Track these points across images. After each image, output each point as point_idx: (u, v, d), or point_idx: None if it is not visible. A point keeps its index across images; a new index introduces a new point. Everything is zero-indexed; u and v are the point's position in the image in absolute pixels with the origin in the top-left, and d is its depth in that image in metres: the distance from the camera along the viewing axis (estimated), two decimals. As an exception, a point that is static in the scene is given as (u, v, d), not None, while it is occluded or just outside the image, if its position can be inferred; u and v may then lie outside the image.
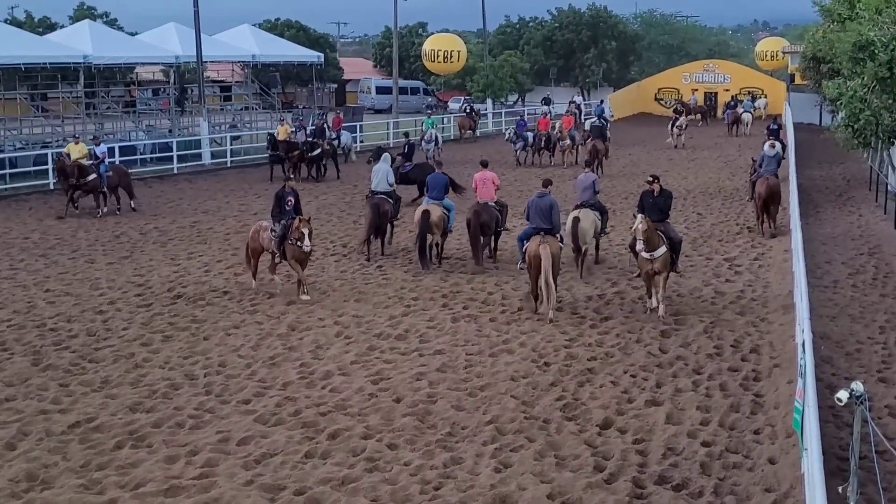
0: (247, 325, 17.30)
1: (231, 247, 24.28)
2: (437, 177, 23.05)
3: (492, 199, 22.37)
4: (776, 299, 19.15)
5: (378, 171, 24.15)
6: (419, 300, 19.11)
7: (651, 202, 18.73)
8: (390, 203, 23.65)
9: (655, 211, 18.55)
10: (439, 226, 22.26)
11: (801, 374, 10.50)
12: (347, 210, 29.76)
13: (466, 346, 16.07)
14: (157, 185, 35.93)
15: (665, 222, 18.68)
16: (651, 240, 17.69)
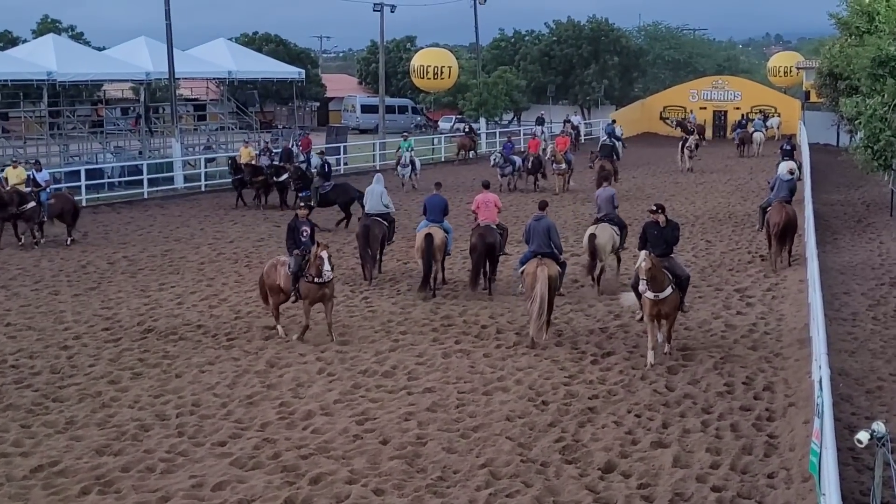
0: (222, 361, 17.29)
1: (206, 277, 24.29)
2: (436, 198, 23.40)
3: (494, 221, 22.86)
4: (791, 333, 19.19)
5: (371, 192, 24.79)
6: (407, 334, 19.13)
7: (656, 235, 18.08)
8: (383, 225, 24.24)
9: (661, 244, 17.94)
10: (441, 249, 22.76)
11: (818, 413, 10.52)
12: (330, 238, 29.75)
13: (458, 384, 16.07)
14: (126, 211, 35.95)
15: (670, 257, 17.99)
16: (657, 278, 17.00)
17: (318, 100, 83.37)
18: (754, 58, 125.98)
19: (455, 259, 25.01)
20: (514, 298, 21.87)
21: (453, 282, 23.59)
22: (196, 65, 48.07)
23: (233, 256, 26.97)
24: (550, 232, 19.10)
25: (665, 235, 18.15)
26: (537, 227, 19.14)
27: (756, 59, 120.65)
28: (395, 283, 23.69)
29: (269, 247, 28.21)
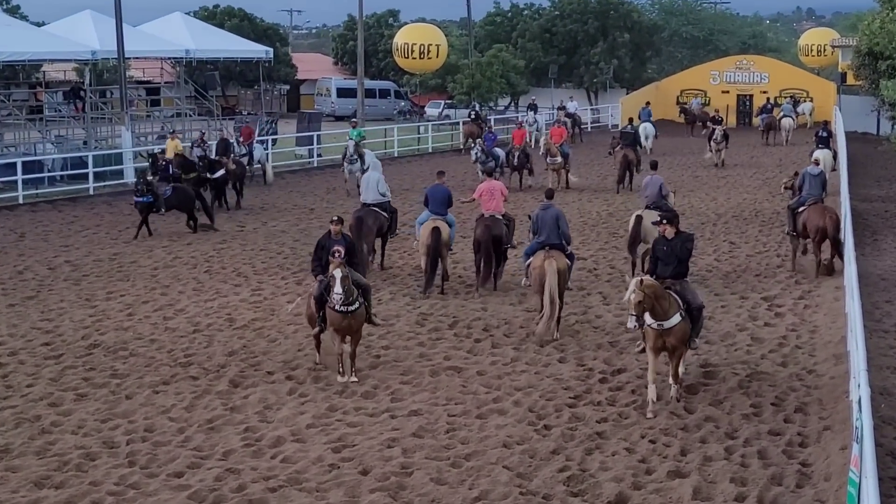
0: (179, 380, 17.25)
1: (160, 284, 24.26)
2: (439, 188, 24.20)
3: (500, 211, 23.72)
4: (826, 347, 19.22)
5: (368, 179, 26.10)
6: (391, 349, 19.11)
7: (666, 251, 16.77)
8: (382, 216, 25.34)
9: (671, 262, 16.63)
10: (448, 245, 23.67)
11: (856, 438, 10.53)
12: (303, 239, 29.76)
13: (449, 406, 16.05)
14: (69, 209, 35.89)
15: (682, 280, 16.67)
16: (660, 305, 15.65)
17: (287, 82, 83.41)
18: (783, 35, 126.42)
19: (459, 253, 24.98)
20: (511, 308, 21.91)
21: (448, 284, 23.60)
22: (149, 42, 48.02)
23: (191, 261, 26.94)
24: (559, 221, 20.04)
25: (676, 250, 16.73)
26: (545, 217, 20.07)
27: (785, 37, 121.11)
28: (376, 289, 23.65)
29: (231, 250, 28.20)
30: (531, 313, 21.29)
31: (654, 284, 15.77)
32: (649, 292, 15.42)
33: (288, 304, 18.64)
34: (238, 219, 33.37)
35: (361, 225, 24.79)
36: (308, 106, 76.72)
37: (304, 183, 42.48)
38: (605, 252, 27.95)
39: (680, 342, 15.98)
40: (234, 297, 22.92)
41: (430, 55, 60.26)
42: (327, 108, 75.86)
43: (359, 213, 25.12)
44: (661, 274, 16.53)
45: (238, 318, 21.08)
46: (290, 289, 23.78)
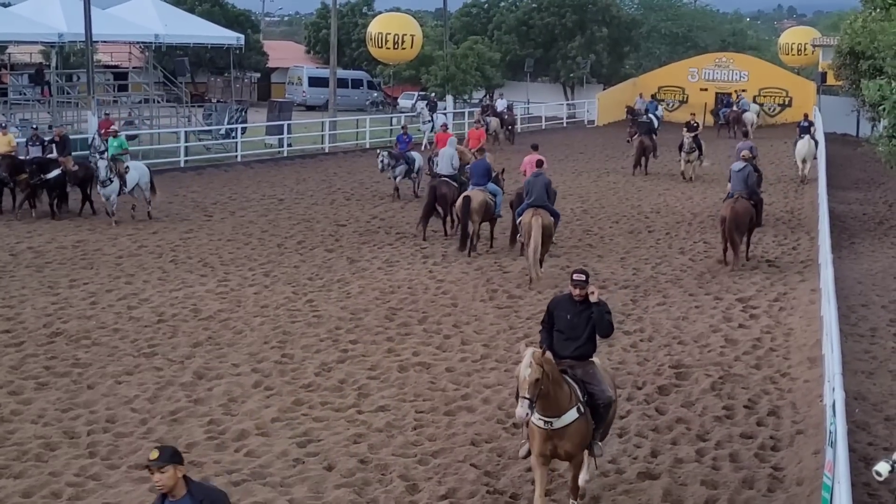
0: (142, 370, 17.21)
1: (124, 273, 24.17)
2: (480, 163, 27.86)
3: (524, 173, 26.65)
4: (800, 350, 19.31)
5: (443, 154, 30.00)
6: (358, 343, 19.12)
7: (570, 320, 12.61)
8: (452, 186, 28.81)
9: (577, 336, 12.59)
10: (480, 212, 26.77)
11: (830, 442, 10.60)
12: (270, 230, 29.72)
13: (416, 402, 16.07)
14: (31, 195, 35.66)
15: (589, 360, 12.66)
16: (553, 397, 11.80)
17: (258, 70, 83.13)
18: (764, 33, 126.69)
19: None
20: (482, 305, 21.96)
21: (412, 277, 23.64)
22: (117, 26, 47.77)
23: (156, 249, 26.84)
24: (548, 187, 24.34)
25: (585, 318, 12.62)
26: (536, 183, 24.27)
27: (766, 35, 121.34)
28: (344, 283, 23.69)
29: (198, 239, 28.13)
30: (502, 310, 21.38)
31: (553, 361, 11.88)
32: (548, 370, 11.60)
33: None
34: (205, 206, 33.25)
35: (435, 192, 28.80)
36: (279, 95, 76.42)
37: (274, 173, 42.36)
38: (577, 250, 27.99)
39: (576, 448, 12.05)
40: (199, 288, 22.86)
41: (405, 45, 60.11)
42: (298, 97, 75.61)
43: (433, 183, 29.41)
44: (560, 351, 12.45)
45: (204, 309, 21.03)
46: (258, 280, 23.74)
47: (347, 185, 38.96)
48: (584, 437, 12.06)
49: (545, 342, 12.52)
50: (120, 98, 54.34)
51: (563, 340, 12.53)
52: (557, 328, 12.61)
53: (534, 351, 11.55)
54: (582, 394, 12.10)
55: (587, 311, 12.54)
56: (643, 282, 24.56)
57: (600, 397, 12.26)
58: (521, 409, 11.32)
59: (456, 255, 26.78)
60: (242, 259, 26.03)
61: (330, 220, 31.52)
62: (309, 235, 29.12)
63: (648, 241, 29.67)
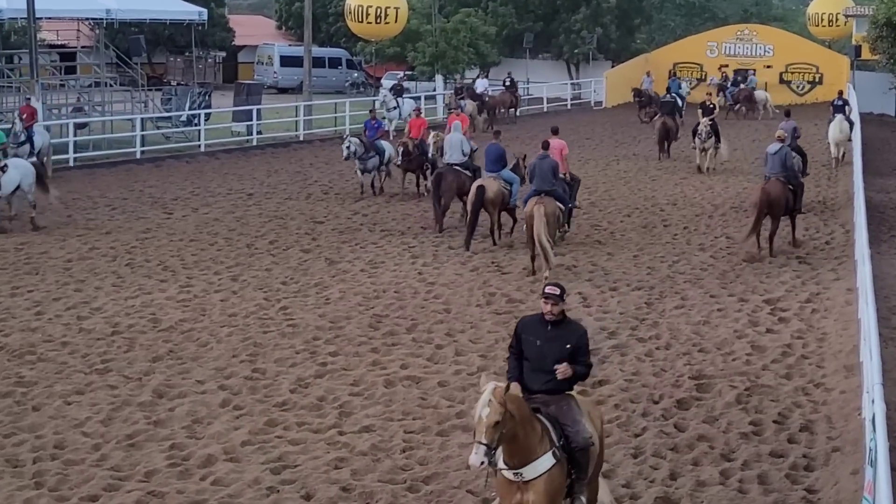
0: (95, 389, 17.16)
1: (74, 279, 24.11)
2: (494, 147, 28.32)
3: (563, 170, 27.22)
4: (836, 357, 19.30)
5: (451, 140, 30.40)
6: (339, 356, 19.08)
7: (539, 347, 11.76)
8: (464, 174, 29.52)
9: (548, 366, 11.69)
10: (495, 202, 27.38)
11: (870, 461, 10.57)
12: (238, 229, 29.67)
13: (405, 421, 16.03)
14: (-32, 192, 35.60)
15: (565, 395, 11.83)
16: (521, 441, 11.02)
17: (223, 49, 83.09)
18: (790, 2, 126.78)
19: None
20: (478, 310, 21.94)
21: (400, 278, 23.61)
22: (64, 1, 47.67)
23: (110, 252, 26.80)
24: (555, 170, 25.04)
25: (556, 349, 11.75)
26: (542, 165, 24.81)
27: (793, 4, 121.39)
28: (323, 287, 23.64)
29: (157, 240, 28.07)
30: (500, 316, 21.34)
31: (520, 398, 11.04)
32: (512, 409, 10.77)
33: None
34: (165, 202, 33.21)
35: (441, 181, 29.28)
36: (247, 76, 76.49)
37: (242, 164, 42.34)
38: (585, 248, 27.98)
39: (547, 499, 11.11)
40: (159, 295, 22.81)
41: (388, 19, 60.14)
42: (269, 78, 75.67)
43: (440, 171, 29.97)
44: (531, 384, 11.70)
45: (164, 319, 20.98)
46: (225, 286, 23.70)
47: (325, 178, 38.94)
48: (559, 490, 11.22)
49: (512, 373, 11.79)
50: (67, 81, 54.25)
51: (533, 371, 11.70)
52: (527, 356, 11.77)
53: (495, 386, 10.69)
54: (558, 437, 11.25)
55: (563, 334, 11.68)
56: (659, 282, 24.53)
57: (576, 440, 11.35)
58: (476, 456, 10.49)
59: (448, 254, 26.76)
60: (207, 262, 25.98)
61: (306, 217, 31.50)
62: (282, 234, 29.08)
63: (664, 236, 29.66)
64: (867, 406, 14.35)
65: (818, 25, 78.43)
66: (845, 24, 73.74)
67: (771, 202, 26.92)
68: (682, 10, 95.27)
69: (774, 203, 26.99)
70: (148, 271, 24.95)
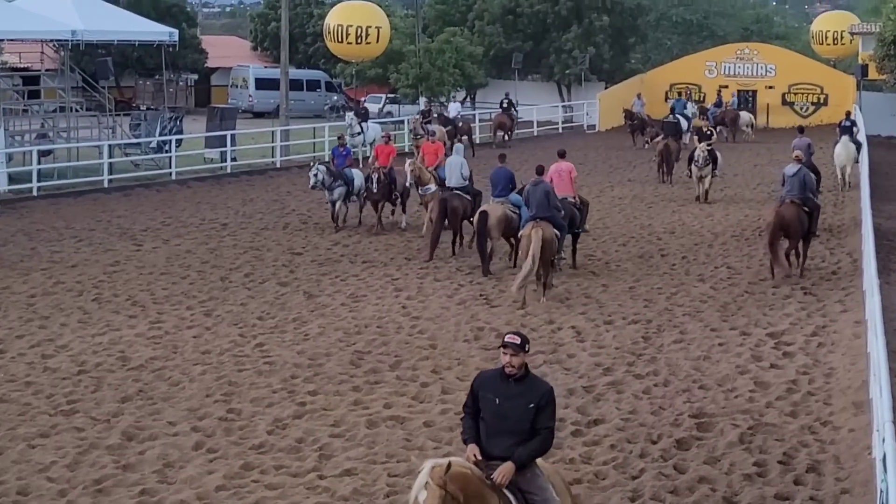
0: (60, 431, 17.11)
1: (38, 315, 24.06)
2: (501, 171, 28.76)
3: (571, 194, 28.35)
4: (844, 394, 19.30)
5: (451, 164, 31.14)
6: (319, 394, 19.04)
7: (498, 406, 11.09)
8: (465, 199, 30.25)
9: (512, 427, 11.03)
10: (499, 227, 27.81)
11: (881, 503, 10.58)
12: (212, 261, 29.65)
13: (389, 464, 16.00)
14: (-74, 223, 35.58)
15: (531, 468, 11.10)
16: None
17: (196, 71, 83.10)
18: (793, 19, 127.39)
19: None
20: (465, 346, 21.91)
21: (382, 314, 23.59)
22: (27, 21, 47.61)
23: (76, 287, 26.76)
24: (549, 196, 25.41)
25: (517, 408, 11.04)
26: (535, 192, 25.36)
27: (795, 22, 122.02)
28: (301, 322, 23.62)
29: (126, 274, 28.04)
30: (489, 351, 21.31)
31: (466, 475, 10.35)
32: (454, 490, 10.06)
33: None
34: (133, 233, 33.17)
35: (445, 206, 29.80)
36: (220, 100, 76.50)
37: (215, 193, 42.34)
38: (578, 279, 27.99)
39: None
40: (128, 332, 22.77)
41: (369, 39, 60.30)
42: (244, 102, 75.72)
43: (442, 196, 30.37)
44: (490, 449, 11.03)
45: (133, 357, 20.93)
46: (198, 321, 23.67)
47: (303, 207, 38.94)
48: None
49: (467, 435, 11.14)
50: (31, 106, 54.14)
51: (492, 434, 10.95)
52: (484, 416, 11.05)
53: (433, 465, 10.02)
54: None
55: (525, 392, 10.94)
56: (656, 315, 24.54)
57: None
58: None
59: (433, 286, 26.75)
60: (179, 296, 25.95)
61: (283, 248, 31.49)
62: (258, 266, 29.06)
63: (662, 266, 29.68)
64: (877, 445, 14.34)
65: (822, 44, 78.76)
66: (851, 43, 74.04)
67: (786, 225, 27.42)
68: (678, 28, 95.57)
69: (789, 226, 27.48)
70: (116, 306, 24.91)
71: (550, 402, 10.94)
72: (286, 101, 57.45)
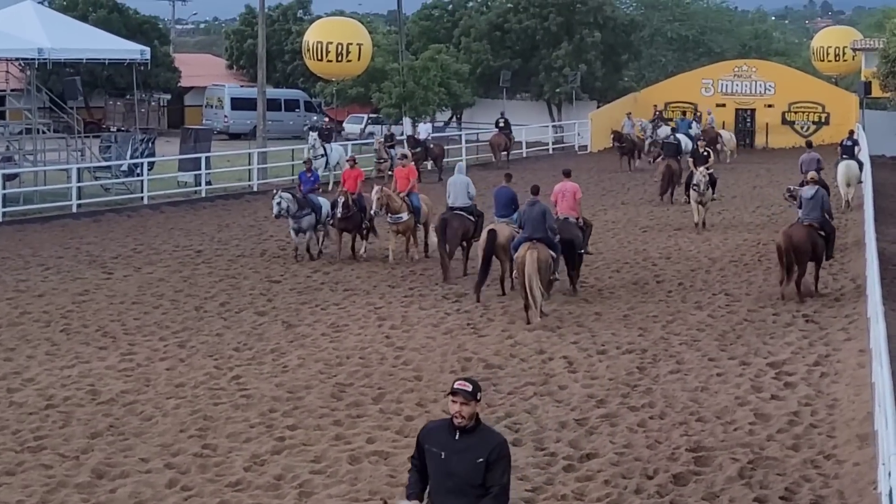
0: (27, 469, 17.07)
1: (2, 347, 23.98)
2: (503, 191, 29.65)
3: (574, 214, 29.24)
4: (848, 426, 19.33)
5: (455, 183, 31.79)
6: (298, 429, 19.03)
7: (446, 460, 10.74)
8: (468, 220, 31.00)
9: (460, 484, 10.62)
10: (506, 248, 27.82)
11: (887, 540, 10.60)
12: (186, 290, 29.64)
13: (372, 502, 15.98)
14: None
15: None
16: None
17: (168, 90, 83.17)
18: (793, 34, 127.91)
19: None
20: (451, 377, 21.83)
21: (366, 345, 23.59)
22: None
23: (43, 317, 26.72)
24: (546, 216, 26.24)
25: (464, 463, 10.59)
26: (531, 213, 26.12)
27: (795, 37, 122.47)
28: (280, 353, 23.60)
29: (96, 303, 28.01)
30: (477, 383, 21.25)
31: None
32: None
33: None
34: (103, 261, 33.14)
35: (447, 227, 30.48)
36: (194, 120, 76.55)
37: (189, 218, 42.33)
38: (570, 306, 28.02)
39: None
40: (98, 364, 22.73)
41: (350, 57, 60.37)
42: (219, 123, 75.81)
43: (444, 216, 31.01)
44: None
45: (103, 391, 20.89)
46: (171, 353, 23.65)
47: (282, 232, 38.86)
48: None
49: (411, 490, 10.78)
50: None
51: (439, 492, 10.52)
52: (430, 471, 10.66)
53: None
54: None
55: (474, 445, 10.39)
56: (652, 345, 24.55)
57: None
58: None
59: (418, 315, 26.75)
60: (151, 326, 25.92)
61: (261, 276, 31.49)
62: (234, 295, 29.05)
63: (657, 293, 29.71)
64: (883, 479, 14.37)
65: (824, 60, 79.00)
66: (853, 59, 74.27)
67: (794, 247, 27.71)
68: (673, 44, 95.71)
69: (798, 248, 27.77)
70: (85, 337, 24.87)
71: (503, 457, 10.34)
72: (263, 121, 57.51)
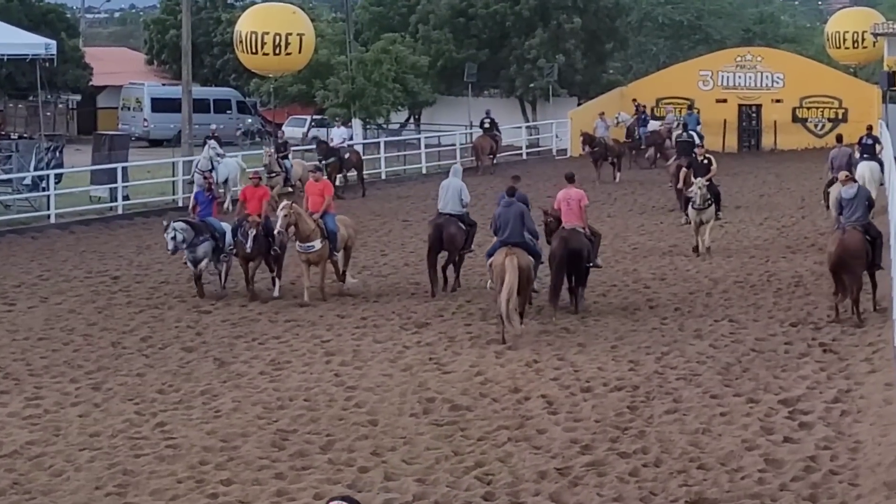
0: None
1: None
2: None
3: (580, 224, 30.39)
4: (873, 472, 19.38)
5: (447, 187, 32.87)
6: (233, 483, 19.02)
7: None
8: (460, 227, 32.19)
9: None
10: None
11: None
12: (101, 323, 29.59)
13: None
14: None
15: None
16: None
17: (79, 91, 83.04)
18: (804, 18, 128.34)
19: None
20: (412, 421, 21.94)
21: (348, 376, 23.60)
22: None
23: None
24: (524, 218, 27.58)
25: None
26: (507, 214, 27.30)
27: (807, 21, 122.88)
28: (212, 396, 23.55)
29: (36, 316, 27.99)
30: (442, 428, 21.32)
31: None
32: None
33: None
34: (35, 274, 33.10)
35: (441, 233, 31.79)
36: (109, 125, 76.39)
37: (104, 239, 42.30)
38: (549, 337, 28.05)
39: None
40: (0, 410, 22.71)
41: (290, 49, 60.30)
42: (137, 127, 75.69)
43: (437, 221, 32.33)
44: None
45: (6, 441, 20.87)
46: (84, 397, 23.60)
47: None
48: None
49: None
50: None
51: None
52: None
53: None
54: None
55: None
56: (644, 380, 24.58)
57: None
58: None
59: (373, 349, 26.75)
60: (61, 366, 25.88)
61: (188, 306, 31.47)
62: (158, 328, 29.02)
63: (650, 320, 29.75)
64: (914, 533, 14.45)
65: (840, 47, 78.93)
66: (874, 46, 74.17)
67: (851, 256, 27.81)
68: (666, 30, 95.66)
69: (855, 256, 27.89)
70: (-16, 380, 24.85)
71: None
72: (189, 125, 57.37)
